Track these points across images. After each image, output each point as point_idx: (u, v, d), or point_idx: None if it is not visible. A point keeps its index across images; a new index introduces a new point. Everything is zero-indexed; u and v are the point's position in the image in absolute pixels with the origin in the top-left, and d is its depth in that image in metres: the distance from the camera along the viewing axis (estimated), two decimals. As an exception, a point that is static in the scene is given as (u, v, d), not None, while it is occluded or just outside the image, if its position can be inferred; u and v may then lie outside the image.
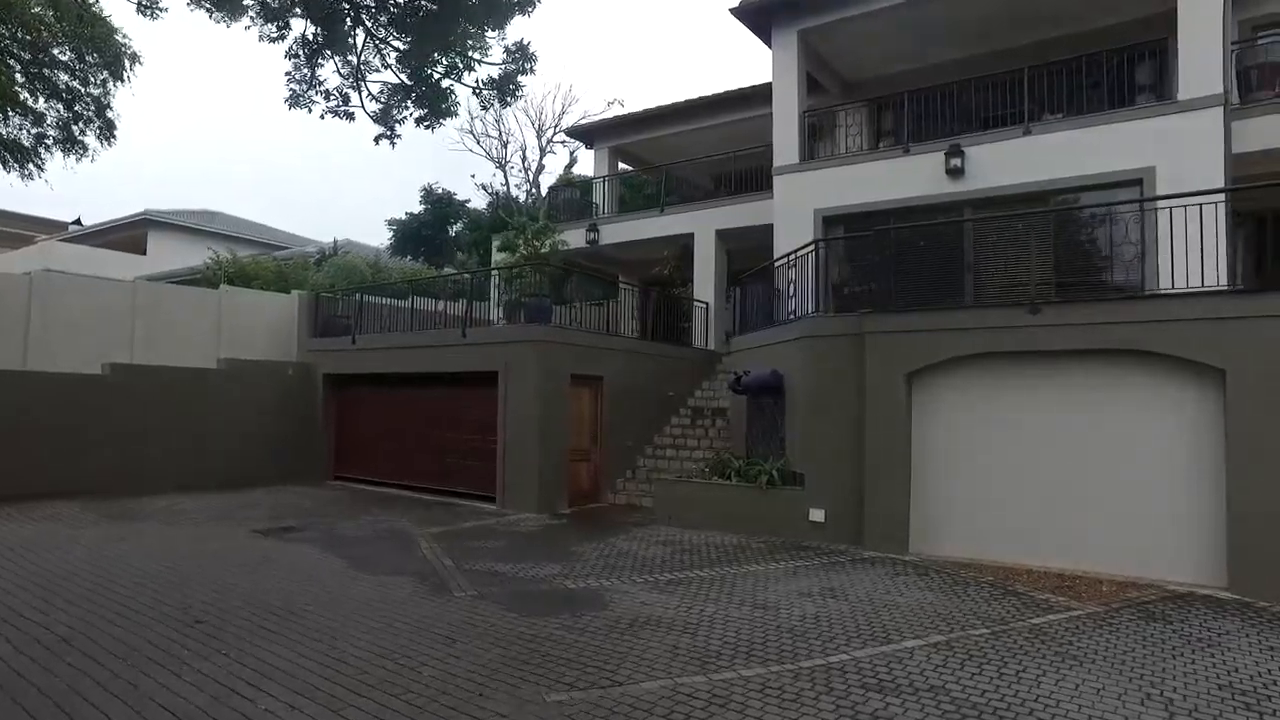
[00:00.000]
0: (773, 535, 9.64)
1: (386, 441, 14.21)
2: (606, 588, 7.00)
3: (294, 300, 15.84)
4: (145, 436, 12.63)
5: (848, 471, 9.23)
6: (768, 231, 15.62)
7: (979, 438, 8.47)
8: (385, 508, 11.73)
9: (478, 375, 12.53)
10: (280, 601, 6.26)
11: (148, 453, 12.63)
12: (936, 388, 8.73)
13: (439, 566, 7.74)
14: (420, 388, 13.72)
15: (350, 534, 9.50)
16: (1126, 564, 7.53)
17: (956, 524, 8.53)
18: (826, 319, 9.54)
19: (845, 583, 7.28)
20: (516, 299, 15.09)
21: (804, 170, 14.05)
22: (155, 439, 12.74)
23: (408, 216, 25.05)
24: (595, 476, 12.96)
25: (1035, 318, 7.99)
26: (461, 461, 12.95)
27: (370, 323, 15.00)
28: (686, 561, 8.20)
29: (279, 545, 8.67)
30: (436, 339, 13.29)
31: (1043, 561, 7.89)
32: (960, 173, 12.35)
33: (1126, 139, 11.07)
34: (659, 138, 20.31)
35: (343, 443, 15.11)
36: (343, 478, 14.79)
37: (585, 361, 12.55)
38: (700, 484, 10.59)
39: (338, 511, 11.26)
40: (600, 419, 13.06)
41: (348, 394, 15.15)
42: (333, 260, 17.30)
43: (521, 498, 11.66)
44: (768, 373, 10.43)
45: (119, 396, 12.44)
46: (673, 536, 9.68)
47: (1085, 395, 7.92)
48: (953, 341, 8.45)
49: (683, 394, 15.01)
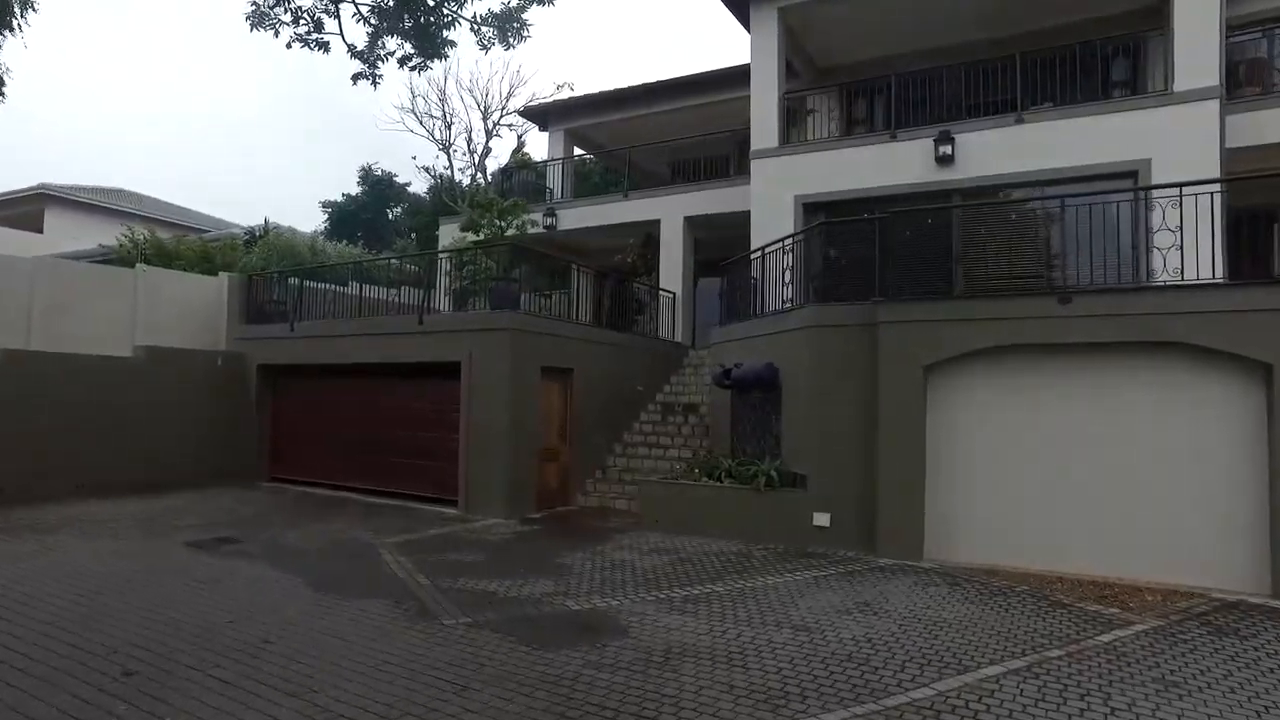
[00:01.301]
0: (773, 541, 8.93)
1: (331, 439, 12.88)
2: (617, 609, 6.11)
3: (223, 283, 14.26)
4: (48, 433, 10.98)
5: (855, 472, 8.60)
6: (742, 219, 14.96)
7: (1000, 436, 7.94)
8: (334, 513, 10.49)
9: (436, 367, 11.41)
10: (233, 638, 5.13)
11: (51, 451, 10.99)
12: (954, 382, 8.17)
13: (414, 586, 6.69)
14: (370, 380, 12.46)
15: (300, 545, 8.30)
16: (1164, 571, 7.11)
17: (975, 528, 8.00)
18: (833, 308, 8.87)
19: (876, 596, 6.60)
20: (470, 285, 13.98)
21: (784, 155, 13.42)
22: (61, 436, 11.09)
23: (345, 198, 23.34)
24: (564, 477, 12.01)
25: (1066, 308, 7.50)
26: (417, 461, 11.79)
27: (311, 309, 13.60)
28: (692, 574, 7.39)
29: (219, 562, 7.42)
30: (389, 326, 12.07)
31: (1074, 568, 7.41)
32: (950, 160, 11.93)
33: (1122, 130, 10.83)
34: (618, 121, 19.42)
35: (280, 440, 13.67)
36: (280, 478, 13.37)
37: (555, 353, 11.58)
38: (688, 485, 9.79)
39: (281, 518, 9.97)
40: (570, 415, 12.12)
41: (285, 386, 13.72)
42: (267, 240, 15.70)
43: (487, 501, 10.62)
44: (761, 365, 9.71)
45: (13, 387, 10.75)
46: (664, 544, 8.86)
47: (1118, 391, 7.47)
48: (976, 332, 7.90)
49: (651, 389, 14.20)
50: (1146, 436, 7.35)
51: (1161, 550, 7.13)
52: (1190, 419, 7.19)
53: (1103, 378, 7.55)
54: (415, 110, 26.05)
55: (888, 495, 8.26)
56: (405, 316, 12.16)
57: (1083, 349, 7.60)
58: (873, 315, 8.53)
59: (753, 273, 11.15)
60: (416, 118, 29.74)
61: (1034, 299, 7.77)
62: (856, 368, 8.63)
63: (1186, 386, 7.24)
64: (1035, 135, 11.39)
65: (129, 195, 27.64)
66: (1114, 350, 7.48)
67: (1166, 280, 7.56)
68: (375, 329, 12.14)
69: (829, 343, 8.88)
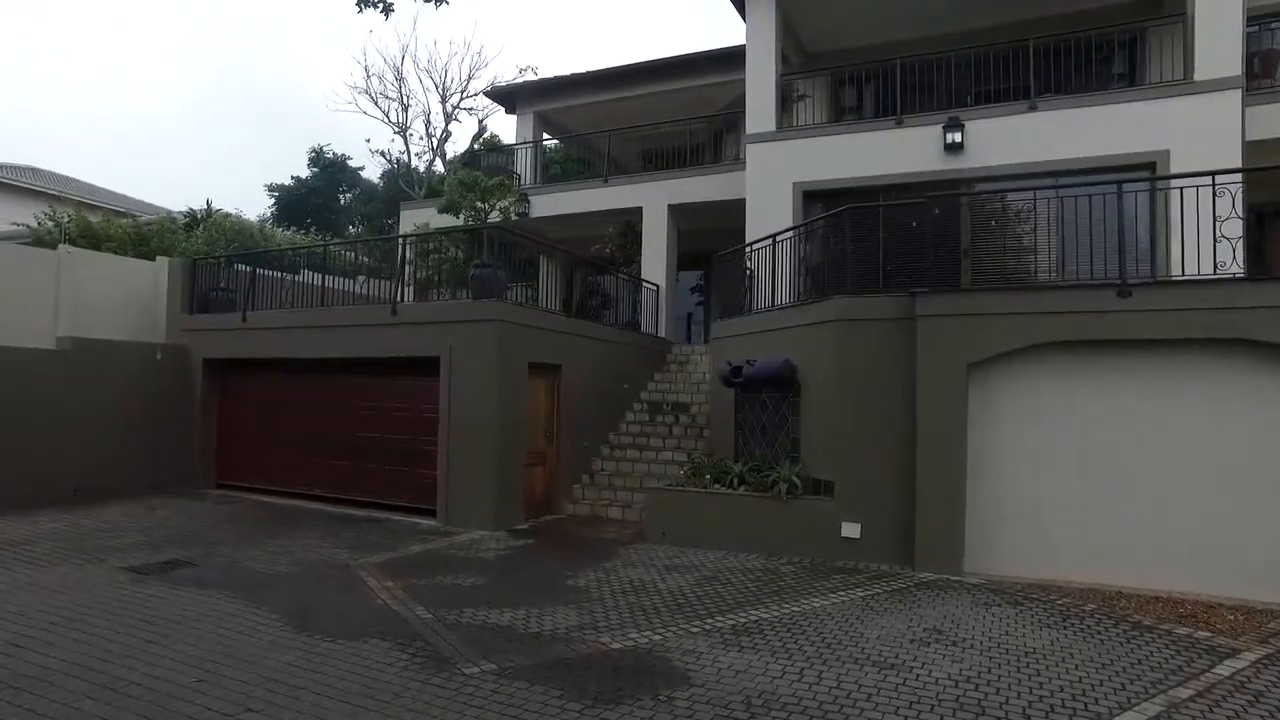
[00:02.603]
0: (796, 554, 8.18)
1: (288, 441, 11.61)
2: (662, 646, 5.23)
3: (161, 268, 12.78)
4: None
5: (888, 478, 7.91)
6: (731, 207, 14.27)
7: (1048, 439, 7.33)
8: (296, 526, 9.30)
9: (411, 362, 10.31)
10: (204, 706, 4.06)
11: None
12: (998, 381, 7.53)
13: (414, 621, 5.68)
14: (334, 376, 11.25)
15: (266, 568, 7.15)
16: (1230, 584, 6.59)
17: (1019, 539, 7.38)
18: (865, 300, 8.15)
19: (942, 620, 5.88)
20: (435, 275, 12.86)
21: (782, 139, 12.70)
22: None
23: (294, 182, 21.66)
24: (550, 483, 11.05)
25: (1125, 301, 6.92)
26: (388, 467, 10.65)
27: (265, 298, 12.26)
28: (726, 596, 6.55)
29: (170, 593, 6.25)
30: (358, 317, 10.88)
31: (1132, 582, 6.84)
32: (960, 148, 11.39)
33: (1139, 120, 10.44)
34: (590, 105, 18.46)
35: (229, 442, 12.31)
36: (229, 485, 12.03)
37: (543, 347, 10.61)
38: (698, 493, 8.95)
39: (236, 534, 8.75)
40: (557, 415, 11.15)
41: (236, 383, 12.36)
42: (213, 222, 14.19)
43: (470, 511, 9.59)
44: (779, 362, 8.94)
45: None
46: (679, 559, 8.01)
47: (1175, 391, 6.93)
48: (1026, 328, 7.26)
49: (635, 387, 13.33)
50: (1208, 440, 6.82)
51: (1226, 563, 6.61)
52: (1256, 422, 6.69)
53: (1159, 377, 7.00)
54: (370, 90, 24.45)
55: (926, 503, 7.58)
56: (376, 306, 10.99)
57: (1138, 346, 7.03)
58: (909, 308, 7.84)
59: (758, 263, 10.36)
60: (371, 98, 28.02)
61: (1090, 292, 7.17)
62: (891, 364, 7.94)
63: (1252, 386, 6.73)
64: (1049, 124, 10.93)
65: (47, 175, 25.32)
66: (1172, 347, 6.93)
67: (1237, 273, 7.06)
68: (342, 320, 10.93)
69: (860, 337, 8.15)
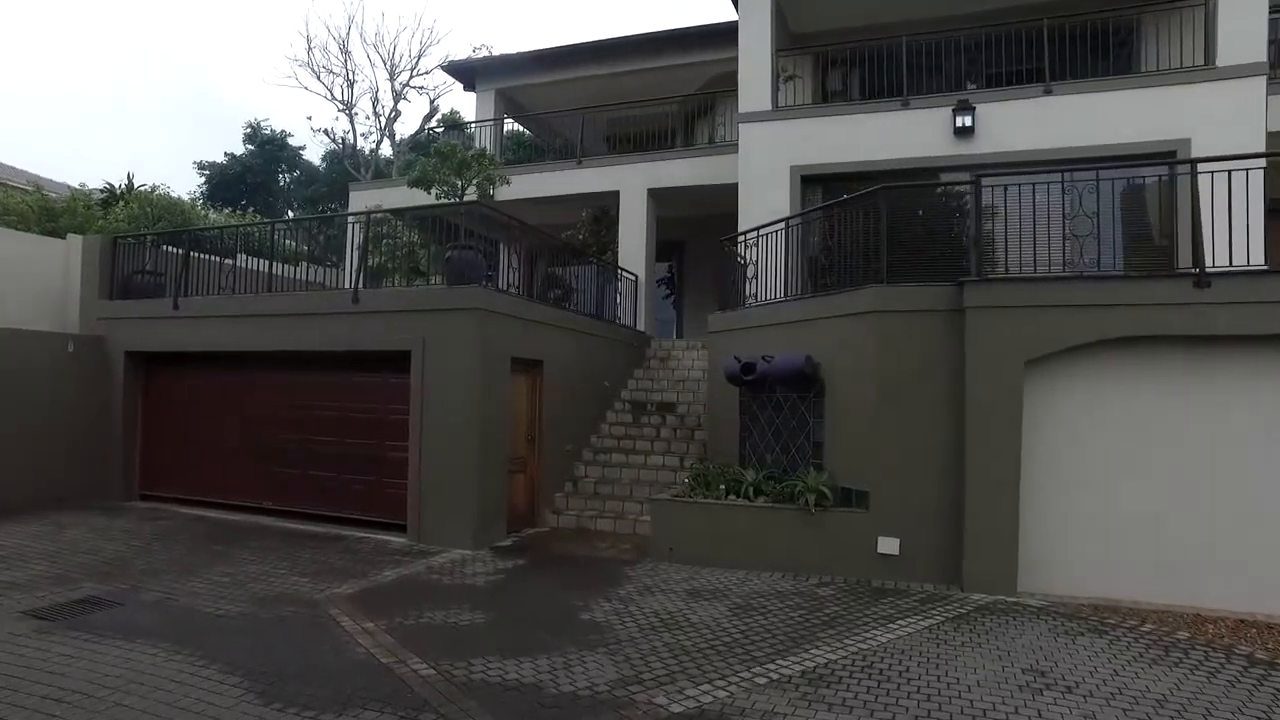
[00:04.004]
0: (826, 573, 7.31)
1: (230, 447, 10.16)
2: (732, 706, 4.24)
3: (74, 248, 11.11)
4: None
5: (931, 487, 7.10)
6: (716, 192, 13.42)
7: (1112, 445, 6.64)
8: (244, 547, 7.96)
9: (377, 356, 9.06)
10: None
11: None
12: (1056, 381, 6.80)
13: (412, 679, 4.53)
14: (284, 372, 9.87)
15: (211, 607, 5.86)
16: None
17: (1081, 554, 6.67)
18: (904, 290, 7.32)
19: (1035, 657, 5.06)
20: (389, 262, 11.53)
21: (778, 120, 11.84)
22: None
23: (228, 159, 19.72)
24: (532, 492, 9.94)
25: (1203, 293, 6.26)
26: (349, 476, 9.36)
27: (200, 283, 10.73)
28: (775, 631, 5.61)
29: (87, 648, 4.92)
30: (313, 305, 9.52)
31: (1216, 604, 6.20)
32: (969, 132, 10.74)
33: (1158, 106, 9.97)
34: (559, 83, 17.29)
35: (156, 447, 10.75)
36: (156, 496, 10.50)
37: (526, 341, 9.49)
38: (711, 506, 7.97)
39: (170, 559, 7.36)
40: (539, 416, 10.04)
41: (164, 379, 10.81)
42: (139, 197, 12.46)
43: (447, 526, 8.42)
44: (800, 358, 8.05)
45: None
46: (697, 582, 7.04)
47: (1261, 392, 6.31)
48: (1092, 321, 6.54)
49: (615, 384, 12.31)
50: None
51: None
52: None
53: (1238, 376, 6.37)
54: (312, 64, 22.62)
55: (976, 516, 6.79)
56: (334, 292, 9.67)
57: (1214, 343, 6.40)
58: (957, 299, 7.04)
59: (763, 251, 9.45)
60: (313, 72, 26.05)
61: (1163, 282, 6.51)
62: (934, 361, 7.13)
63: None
64: (1064, 109, 10.37)
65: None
66: (1254, 345, 6.31)
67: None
68: (294, 308, 9.55)
69: (897, 331, 7.31)
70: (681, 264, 17.50)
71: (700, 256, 16.59)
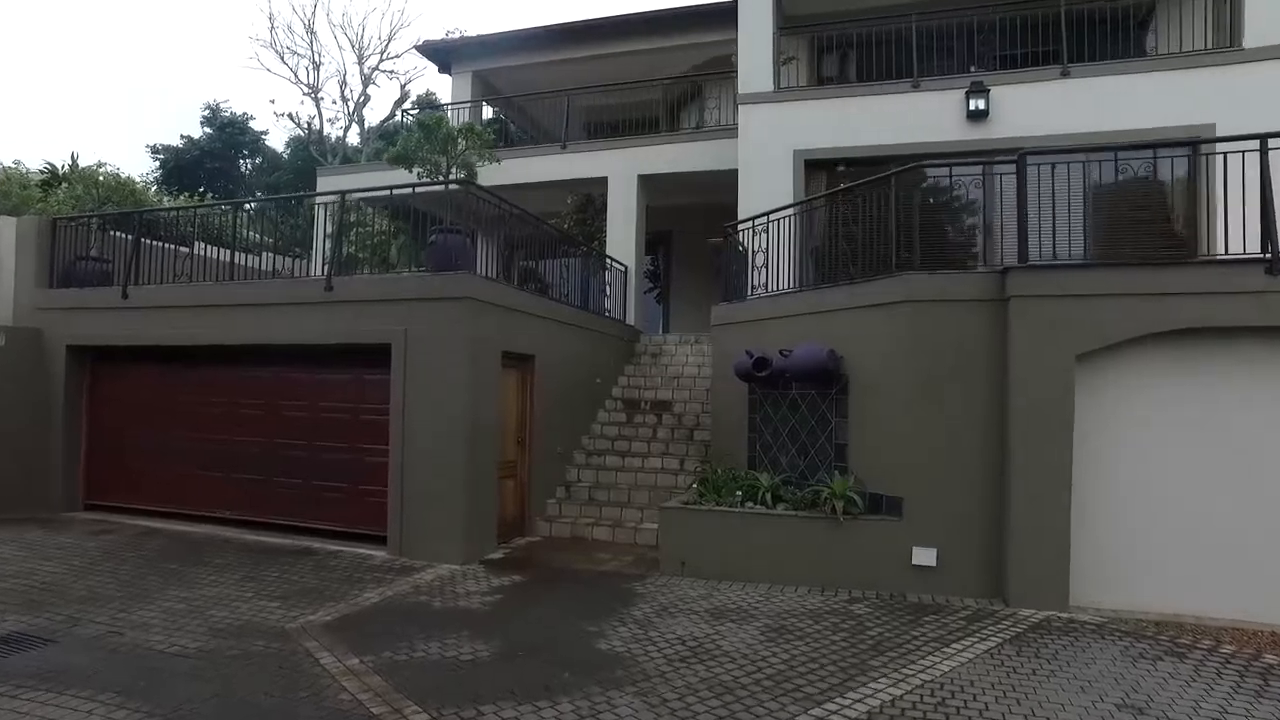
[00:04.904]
0: (856, 587, 6.68)
1: (186, 451, 9.20)
2: (801, 763, 3.55)
3: (6, 230, 10.01)
4: None
5: (970, 493, 6.51)
6: (713, 179, 12.75)
7: (1171, 446, 6.10)
8: (202, 564, 7.07)
9: (353, 351, 8.21)
10: None
11: None
12: (1110, 376, 6.24)
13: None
14: (247, 369, 8.95)
15: (164, 643, 4.99)
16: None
17: (1139, 565, 6.12)
18: (939, 277, 6.71)
19: (1120, 687, 4.46)
20: (359, 251, 10.65)
21: (781, 101, 11.22)
22: None
23: (184, 142, 18.46)
24: (523, 498, 9.17)
25: (1276, 280, 5.74)
26: (321, 482, 8.49)
27: (153, 271, 9.72)
28: (821, 660, 4.93)
29: (6, 705, 4.04)
30: (280, 294, 8.62)
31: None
32: (983, 116, 10.22)
33: (1181, 90, 9.54)
34: (539, 65, 16.43)
35: (102, 452, 9.73)
36: (103, 506, 9.49)
37: (517, 334, 8.71)
38: (726, 514, 7.27)
39: (117, 582, 6.44)
40: (530, 416, 9.26)
41: (112, 376, 9.79)
42: (84, 175, 11.34)
43: (432, 538, 7.61)
44: (822, 353, 7.39)
45: None
46: (718, 600, 6.35)
47: (1332, 389, 5.82)
48: (1155, 310, 5.99)
49: (606, 381, 11.58)
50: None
51: None
52: None
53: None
54: (275, 44, 21.39)
55: (1022, 524, 6.20)
56: (304, 280, 8.78)
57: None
58: (998, 287, 6.45)
59: (772, 238, 8.79)
60: (277, 53, 24.64)
61: (1230, 268, 5.97)
62: (974, 355, 6.54)
63: None
64: (1082, 92, 9.90)
65: None
66: (1325, 336, 5.83)
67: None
68: (259, 298, 8.63)
69: (933, 322, 6.70)
70: (668, 257, 16.82)
71: (688, 249, 15.93)
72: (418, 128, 9.01)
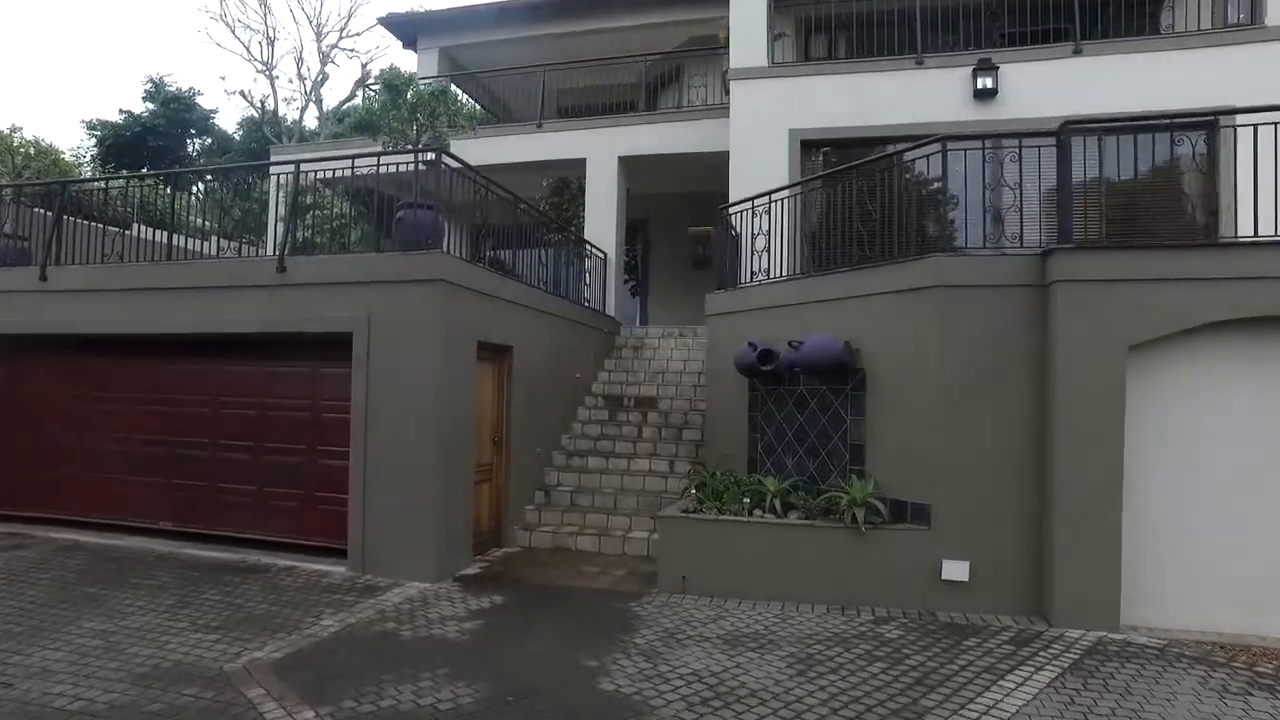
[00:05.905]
0: (880, 604, 5.99)
1: (114, 453, 8.15)
2: None
3: (-90, 202, 8.81)
4: None
5: (1008, 500, 5.86)
6: (700, 162, 12.02)
7: (1234, 448, 5.51)
8: (128, 585, 6.08)
9: (308, 340, 7.27)
10: None
11: None
12: (1163, 370, 5.63)
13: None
14: (185, 361, 7.93)
15: (67, 695, 4.05)
16: None
17: (1196, 580, 5.53)
18: (971, 260, 6.06)
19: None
20: (316, 236, 9.71)
21: (776, 78, 10.49)
22: None
23: (125, 118, 17.05)
24: (498, 504, 8.31)
25: (1348, 263, 5.19)
26: (271, 488, 7.53)
27: (78, 251, 8.62)
28: (863, 701, 4.21)
29: None
30: (225, 276, 7.62)
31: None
32: (991, 94, 9.63)
33: (1197, 69, 9.05)
34: (511, 41, 15.49)
35: (18, 453, 8.59)
36: (18, 516, 8.37)
37: (494, 323, 7.86)
38: (732, 524, 6.51)
39: (19, 609, 5.44)
40: (506, 414, 8.41)
41: (28, 368, 8.66)
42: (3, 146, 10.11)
43: (399, 552, 6.72)
44: (836, 344, 6.68)
45: None
46: (730, 622, 5.60)
47: None
48: (1219, 297, 5.38)
49: (585, 376, 10.77)
50: None
51: None
52: None
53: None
54: (226, 17, 20.04)
55: (1068, 534, 5.57)
56: (252, 261, 7.80)
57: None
58: (1039, 271, 5.80)
59: (774, 219, 8.07)
60: (228, 26, 23.23)
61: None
62: (1011, 345, 5.89)
63: None
64: (1096, 71, 9.37)
65: None
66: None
67: None
68: (200, 280, 7.61)
69: (963, 310, 6.02)
70: (646, 246, 16.04)
71: (666, 239, 15.19)
72: (384, 89, 8.07)
